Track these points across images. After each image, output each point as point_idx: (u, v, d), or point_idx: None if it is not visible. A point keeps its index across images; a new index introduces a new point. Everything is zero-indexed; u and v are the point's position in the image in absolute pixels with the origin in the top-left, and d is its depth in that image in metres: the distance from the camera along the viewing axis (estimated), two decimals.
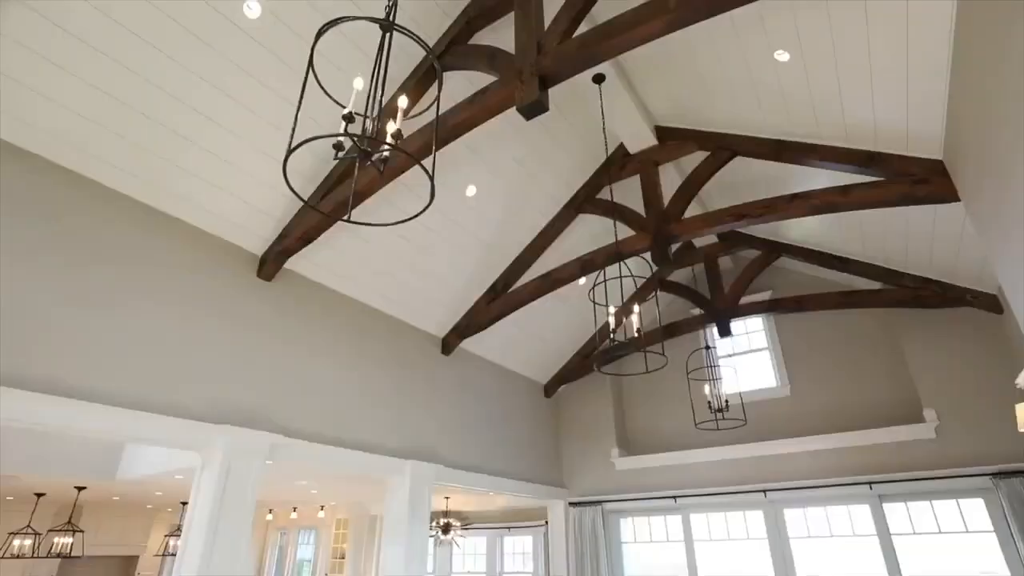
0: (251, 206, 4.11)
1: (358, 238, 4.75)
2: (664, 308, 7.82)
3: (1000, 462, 5.14)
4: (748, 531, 6.40)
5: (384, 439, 5.09)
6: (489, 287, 5.89)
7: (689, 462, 6.79)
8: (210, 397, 3.85)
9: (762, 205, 4.44)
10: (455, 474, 5.75)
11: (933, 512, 5.55)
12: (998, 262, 3.40)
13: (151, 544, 10.14)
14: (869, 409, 6.08)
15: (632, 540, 7.18)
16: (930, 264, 5.38)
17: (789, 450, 6.20)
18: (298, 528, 10.81)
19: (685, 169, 5.56)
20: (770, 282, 7.05)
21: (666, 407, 7.41)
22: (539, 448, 7.40)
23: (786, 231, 6.06)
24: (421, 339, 5.87)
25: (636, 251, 4.84)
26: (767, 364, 6.94)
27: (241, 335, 4.14)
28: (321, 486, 7.49)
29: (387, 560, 4.98)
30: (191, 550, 3.53)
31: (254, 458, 3.89)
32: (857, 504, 5.87)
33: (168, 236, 3.89)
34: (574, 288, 6.56)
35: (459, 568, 10.32)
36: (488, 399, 6.68)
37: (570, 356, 7.74)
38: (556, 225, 5.69)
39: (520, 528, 9.69)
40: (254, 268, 4.37)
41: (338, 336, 4.93)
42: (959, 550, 5.40)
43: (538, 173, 5.25)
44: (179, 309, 3.83)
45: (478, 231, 5.33)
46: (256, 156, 3.87)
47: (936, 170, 3.96)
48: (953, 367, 5.63)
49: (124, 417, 3.34)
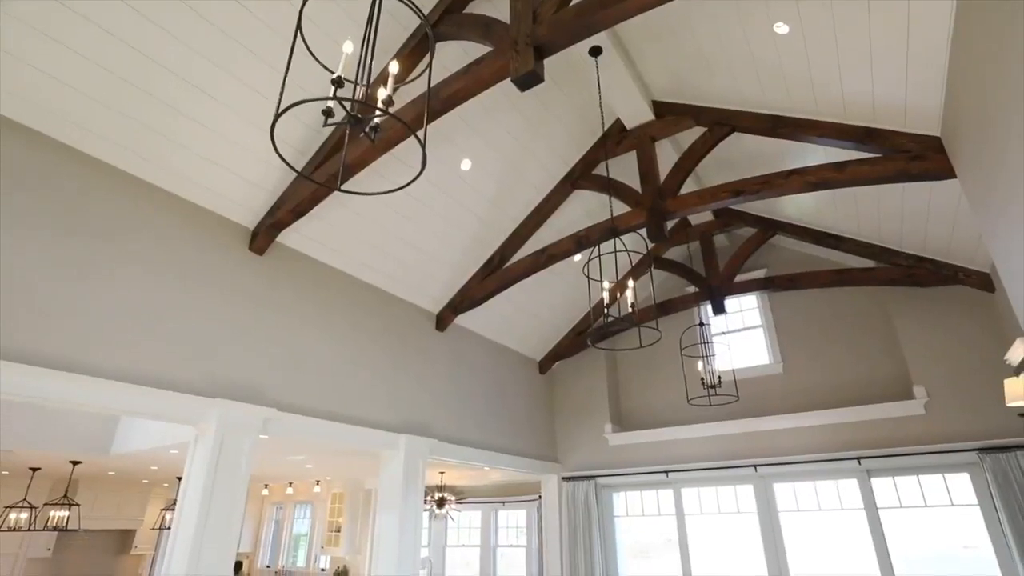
0: (242, 179, 4.06)
1: (351, 212, 4.70)
2: (659, 285, 7.83)
3: (986, 437, 5.22)
4: (738, 505, 6.51)
5: (378, 414, 5.11)
6: (484, 263, 5.87)
7: (681, 437, 6.87)
8: (203, 371, 3.84)
9: (758, 181, 4.41)
10: (449, 448, 5.80)
11: (920, 486, 5.66)
12: (992, 239, 3.41)
13: (147, 518, 10.23)
14: (860, 386, 6.14)
15: (624, 514, 7.30)
16: (924, 243, 5.39)
17: (780, 426, 6.28)
18: (294, 503, 10.92)
19: (682, 145, 5.52)
20: (765, 260, 7.06)
21: (659, 384, 7.46)
22: (533, 424, 7.47)
23: (782, 209, 6.05)
24: (415, 314, 5.86)
25: (632, 227, 4.82)
26: (760, 341, 6.99)
27: (233, 309, 4.12)
28: (316, 461, 7.55)
29: (382, 533, 5.04)
30: (185, 523, 3.56)
31: (247, 432, 3.90)
32: (845, 479, 5.97)
33: (160, 209, 3.84)
34: (569, 265, 6.55)
35: (454, 541, 10.49)
36: (483, 375, 6.71)
37: (565, 333, 7.76)
38: (551, 200, 5.65)
39: (514, 502, 9.83)
40: (246, 241, 4.32)
41: (331, 311, 4.91)
42: (944, 524, 5.52)
43: (534, 148, 5.19)
44: (172, 283, 3.80)
45: (473, 206, 5.29)
46: (247, 128, 3.81)
47: (933, 146, 3.94)
48: (944, 345, 5.69)
49: (118, 390, 3.34)
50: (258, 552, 11.08)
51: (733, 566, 6.41)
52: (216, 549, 3.56)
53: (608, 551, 7.02)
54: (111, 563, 10.10)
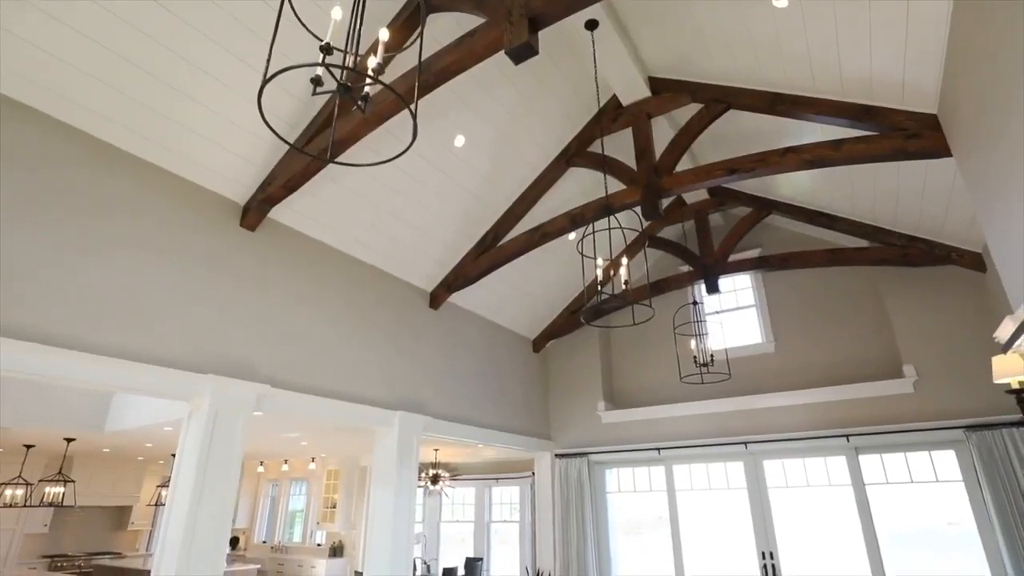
0: (232, 152, 3.99)
1: (344, 188, 4.65)
2: (653, 265, 7.83)
3: (973, 415, 5.30)
4: (728, 481, 6.61)
5: (372, 391, 5.12)
6: (478, 241, 5.84)
7: (673, 415, 6.94)
8: (196, 347, 3.82)
9: (754, 159, 4.38)
10: (443, 425, 5.84)
11: (906, 463, 5.75)
12: (985, 216, 3.41)
13: (143, 495, 10.30)
14: (851, 365, 6.20)
15: (616, 490, 7.40)
16: (918, 223, 5.40)
17: (771, 404, 6.35)
18: (290, 480, 11.01)
19: (678, 122, 5.46)
20: (759, 240, 7.06)
21: (652, 363, 7.51)
22: (527, 402, 7.52)
23: (777, 188, 6.03)
24: (409, 292, 5.84)
25: (626, 205, 4.79)
26: (753, 321, 7.02)
27: (225, 285, 4.09)
28: (311, 438, 7.59)
29: (376, 509, 5.10)
30: (179, 500, 3.57)
31: (241, 408, 3.90)
32: (834, 456, 6.06)
33: (150, 184, 3.79)
34: (563, 244, 6.53)
35: (448, 517, 10.64)
36: (476, 353, 6.73)
37: (559, 312, 7.77)
38: (546, 178, 5.60)
39: (508, 479, 9.94)
40: (237, 217, 4.28)
41: (324, 288, 4.89)
42: (929, 500, 5.63)
43: (528, 124, 5.13)
44: (163, 258, 3.76)
45: (466, 183, 5.24)
46: (236, 100, 3.73)
47: (930, 124, 3.91)
48: (934, 324, 5.73)
49: (111, 366, 3.32)
50: (254, 528, 11.20)
51: (723, 541, 6.53)
52: (211, 525, 3.59)
53: (600, 527, 7.13)
54: (108, 539, 10.20)
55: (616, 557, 7.11)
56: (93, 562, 8.97)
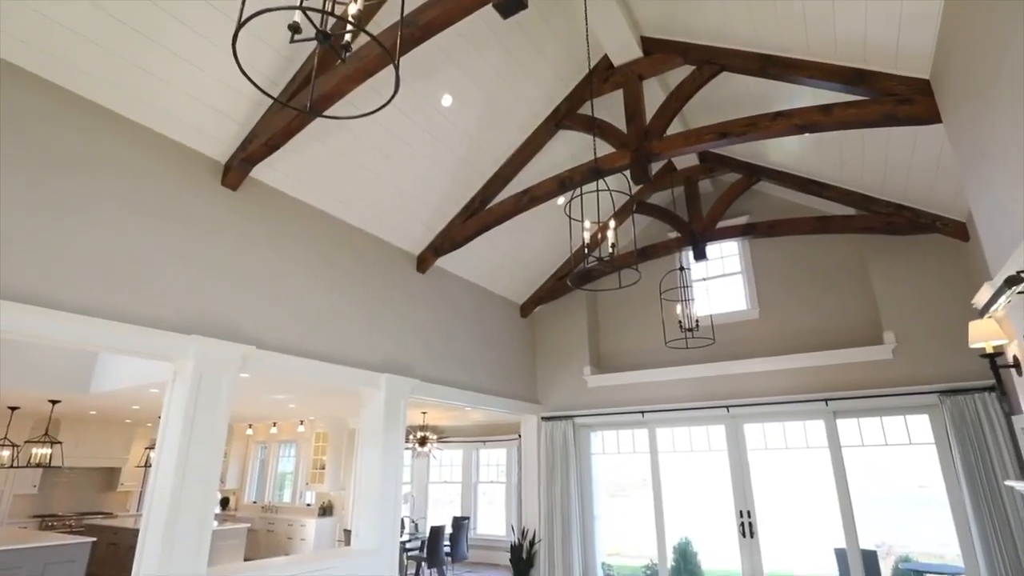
0: (211, 108, 3.87)
1: (328, 148, 4.55)
2: (641, 232, 7.82)
3: (948, 381, 5.43)
4: (710, 444, 6.77)
5: (359, 353, 5.13)
6: (465, 204, 5.77)
7: (658, 380, 7.05)
8: (179, 307, 3.78)
9: (744, 123, 4.34)
10: (430, 388, 5.89)
11: (882, 427, 5.92)
12: (970, 182, 3.42)
13: (132, 456, 10.36)
14: (833, 332, 6.30)
15: (601, 452, 7.56)
16: (905, 191, 5.41)
17: (753, 369, 6.46)
18: (279, 442, 11.12)
19: (670, 85, 5.37)
20: (748, 207, 7.06)
21: (638, 328, 7.58)
22: (514, 366, 7.59)
23: (767, 154, 6.00)
24: (396, 256, 5.80)
25: (616, 168, 4.75)
26: (739, 288, 7.08)
27: (207, 245, 4.03)
28: (299, 401, 7.63)
29: (364, 469, 5.17)
30: (166, 460, 3.59)
31: (226, 369, 3.89)
32: (813, 420, 6.22)
33: (128, 141, 3.68)
34: (552, 209, 6.48)
35: (436, 478, 10.85)
36: (464, 317, 6.74)
37: (547, 277, 7.78)
38: (535, 140, 5.51)
39: (494, 441, 10.12)
40: (218, 176, 4.18)
41: (310, 250, 4.84)
42: (902, 464, 5.83)
43: (517, 84, 5.01)
44: (143, 217, 3.69)
45: (454, 144, 5.15)
46: (213, 51, 3.60)
47: (922, 89, 3.88)
48: (916, 292, 5.82)
49: (92, 326, 3.29)
50: (244, 489, 11.35)
51: (703, 501, 6.74)
52: (198, 485, 3.61)
53: (584, 488, 7.31)
54: (98, 499, 10.29)
55: (600, 517, 7.32)
56: (84, 522, 9.06)
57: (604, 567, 7.14)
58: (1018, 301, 2.90)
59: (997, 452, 4.96)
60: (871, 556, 5.73)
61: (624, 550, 7.29)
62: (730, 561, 6.29)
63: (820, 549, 6.04)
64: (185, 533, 3.48)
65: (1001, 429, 4.98)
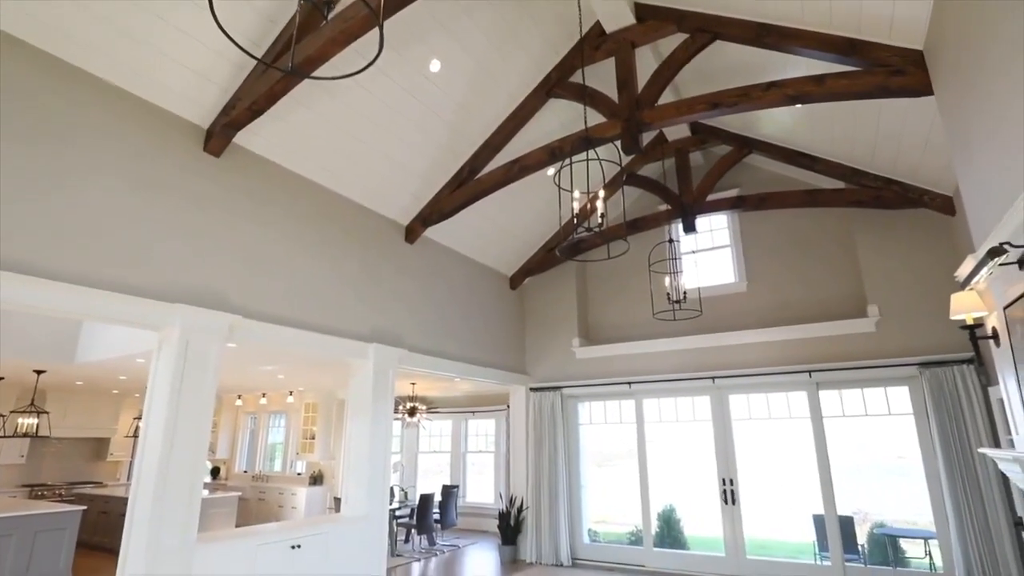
0: (191, 70, 3.76)
1: (314, 114, 4.45)
2: (631, 204, 7.79)
3: (928, 353, 5.54)
4: (695, 414, 6.89)
5: (347, 323, 5.12)
6: (454, 174, 5.70)
7: (645, 351, 7.12)
8: (163, 276, 3.73)
9: (737, 93, 4.30)
10: (419, 359, 5.90)
11: (863, 398, 6.05)
12: (959, 153, 3.43)
13: (121, 427, 10.36)
14: (819, 305, 6.38)
15: (588, 422, 7.67)
16: (894, 165, 5.42)
17: (740, 341, 6.54)
18: (268, 413, 11.15)
19: (662, 53, 5.29)
20: (738, 179, 7.05)
21: (626, 300, 7.62)
22: (503, 337, 7.62)
23: (759, 126, 5.96)
24: (384, 226, 5.74)
25: (607, 138, 4.70)
26: (728, 260, 7.12)
27: (191, 213, 3.96)
28: (287, 371, 7.63)
29: (353, 439, 5.21)
30: (153, 429, 3.58)
31: (212, 338, 3.86)
32: (796, 391, 6.33)
33: (109, 106, 3.59)
34: (541, 180, 6.43)
35: (426, 448, 10.98)
36: (453, 288, 6.73)
37: (536, 249, 7.76)
38: (525, 109, 5.43)
39: (483, 412, 10.23)
40: (200, 142, 4.08)
41: (296, 219, 4.77)
42: (881, 434, 5.98)
43: (507, 51, 4.91)
44: (125, 184, 3.61)
45: (442, 112, 5.05)
46: (195, 14, 3.47)
47: (915, 61, 3.85)
48: (902, 266, 5.88)
49: (74, 294, 3.24)
50: (235, 459, 11.42)
51: (687, 470, 6.89)
52: (187, 454, 3.62)
53: (572, 457, 7.43)
54: (88, 469, 10.31)
55: (587, 486, 7.47)
56: (74, 491, 9.09)
57: (590, 533, 7.31)
58: (999, 273, 2.93)
59: (972, 422, 5.09)
60: (848, 522, 5.92)
61: (610, 518, 7.46)
62: (712, 527, 6.47)
63: (799, 515, 6.23)
64: (175, 501, 3.51)
65: (977, 400, 5.11)
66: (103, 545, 7.72)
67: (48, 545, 6.17)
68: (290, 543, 4.26)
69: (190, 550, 3.55)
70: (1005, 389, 3.17)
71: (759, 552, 6.23)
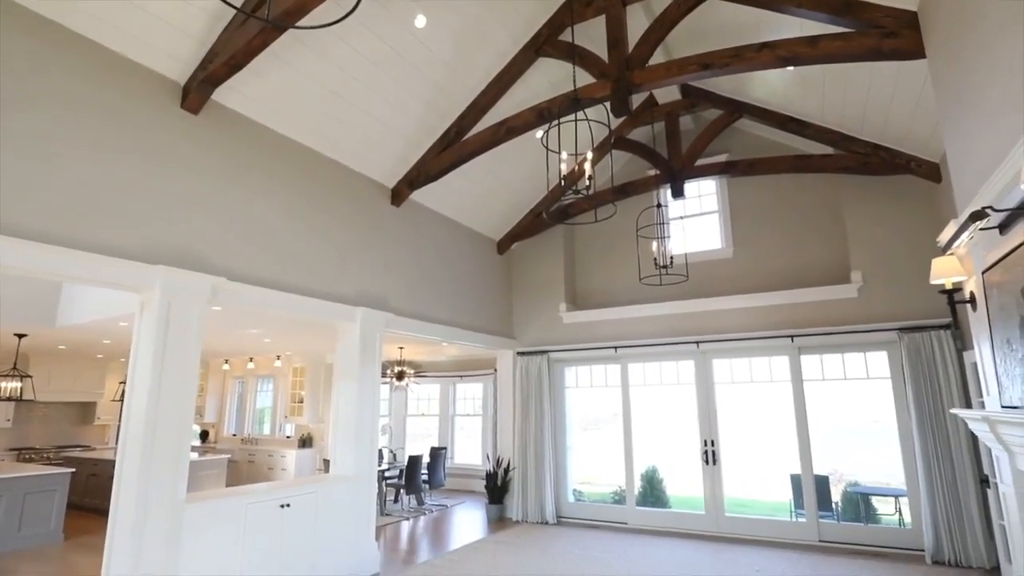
0: (165, 22, 3.60)
1: (295, 71, 4.31)
2: (620, 169, 7.72)
3: (908, 319, 5.64)
4: (679, 378, 7.01)
5: (334, 286, 5.09)
6: (440, 135, 5.60)
7: (631, 316, 7.19)
8: (143, 236, 3.66)
9: (729, 53, 4.22)
10: (406, 322, 5.91)
11: (843, 363, 6.18)
12: (947, 117, 3.42)
13: (107, 391, 10.33)
14: (804, 271, 6.44)
15: (575, 386, 7.78)
16: (883, 131, 5.40)
17: (725, 307, 6.61)
18: (256, 377, 11.16)
19: (654, 12, 5.16)
20: (728, 144, 6.99)
21: (614, 266, 7.64)
22: (490, 302, 7.63)
23: (750, 90, 5.88)
24: (370, 188, 5.66)
25: (596, 100, 4.62)
26: (715, 227, 7.13)
27: (168, 171, 3.86)
28: (274, 335, 7.61)
29: (341, 402, 5.24)
30: (138, 391, 3.57)
31: (195, 300, 3.82)
32: (778, 355, 6.44)
33: (82, 60, 3.44)
34: (529, 143, 6.33)
35: (414, 411, 11.10)
36: (440, 252, 6.69)
37: (524, 214, 7.71)
38: (513, 68, 5.29)
39: (471, 376, 10.33)
40: (177, 98, 3.95)
41: (278, 179, 4.68)
42: (858, 397, 6.14)
43: (495, 6, 4.75)
44: (99, 141, 3.50)
45: (428, 71, 4.92)
46: None
47: (909, 23, 3.80)
48: (885, 232, 5.93)
49: (52, 254, 3.18)
50: (223, 422, 11.48)
51: (670, 431, 7.05)
52: (173, 415, 3.62)
53: (558, 420, 7.55)
54: (75, 432, 10.32)
55: (572, 447, 7.62)
56: (63, 454, 9.11)
57: (575, 493, 7.50)
58: (980, 238, 2.96)
59: (947, 385, 5.24)
60: (823, 481, 6.12)
61: (595, 479, 7.65)
62: (693, 487, 6.66)
63: (777, 475, 6.43)
64: (162, 461, 3.52)
65: (952, 364, 5.24)
66: (94, 507, 7.80)
67: (38, 506, 6.22)
68: (279, 502, 4.32)
69: (179, 508, 3.59)
70: (979, 352, 3.25)
71: (738, 510, 6.45)
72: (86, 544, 6.16)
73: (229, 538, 3.92)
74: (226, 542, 3.90)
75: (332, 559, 4.68)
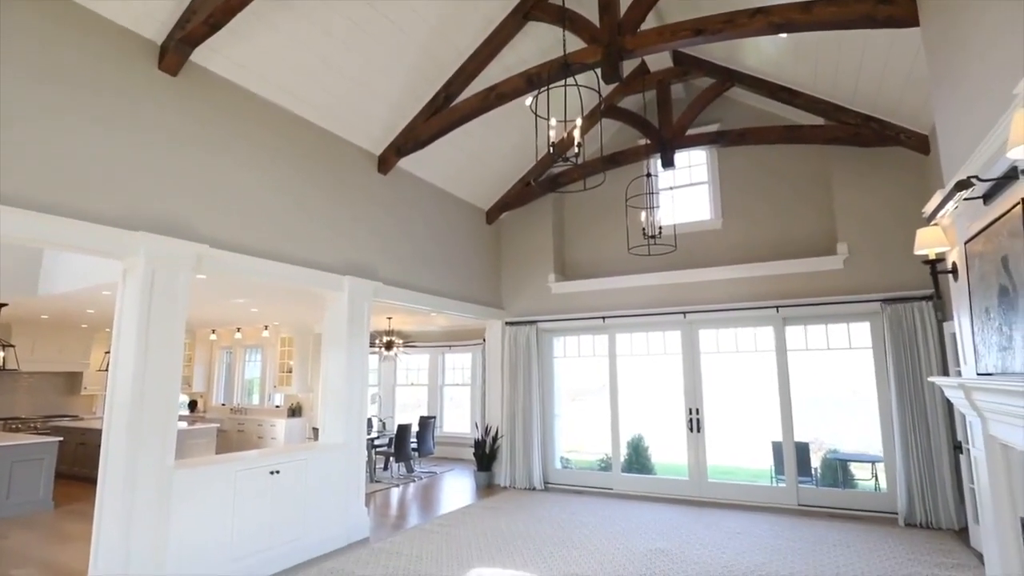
0: None
1: (278, 32, 4.18)
2: (610, 139, 7.65)
3: (891, 290, 5.72)
4: (666, 348, 7.09)
5: (321, 255, 5.04)
6: (428, 101, 5.49)
7: (619, 287, 7.22)
8: (124, 202, 3.58)
9: (722, 19, 4.15)
10: (394, 291, 5.89)
11: (826, 333, 6.28)
12: (938, 87, 3.40)
13: (93, 361, 10.26)
14: (791, 243, 6.47)
15: (563, 356, 7.85)
16: (875, 102, 5.38)
17: (712, 277, 6.65)
18: (244, 347, 11.13)
19: None
20: (719, 114, 6.93)
21: (602, 236, 7.63)
22: (479, 271, 7.62)
23: (742, 58, 5.81)
24: (357, 155, 5.56)
25: (587, 65, 4.53)
26: (704, 197, 7.12)
27: (147, 135, 3.75)
28: (260, 305, 7.56)
29: (329, 371, 5.24)
30: (123, 360, 3.53)
31: (179, 267, 3.77)
32: (763, 326, 6.53)
33: (52, 16, 3.28)
34: (519, 111, 6.22)
35: (403, 381, 11.17)
36: (429, 222, 6.63)
37: (513, 183, 7.64)
38: (502, 32, 5.17)
39: (460, 346, 10.38)
40: (154, 60, 3.82)
41: (263, 144, 4.57)
42: (840, 367, 6.27)
43: None
44: (75, 103, 3.38)
45: (415, 33, 4.79)
46: None
47: None
48: (872, 204, 5.96)
49: (28, 219, 3.09)
50: (211, 392, 11.48)
51: (656, 400, 7.16)
52: (159, 383, 3.60)
53: (546, 389, 7.64)
54: (62, 402, 10.28)
55: (560, 416, 7.73)
56: (50, 424, 9.08)
57: (562, 460, 7.64)
58: (964, 208, 2.99)
59: (926, 355, 5.35)
60: (803, 448, 6.29)
61: (582, 447, 7.79)
62: (678, 454, 6.81)
63: (759, 443, 6.59)
64: (149, 429, 3.52)
65: (932, 334, 5.35)
66: (84, 475, 7.82)
67: (27, 475, 6.22)
68: (269, 469, 4.35)
69: (168, 474, 3.60)
70: (958, 321, 3.31)
71: (720, 477, 6.61)
72: (77, 511, 6.20)
73: (219, 504, 3.96)
74: (216, 508, 3.93)
75: (322, 524, 4.75)
